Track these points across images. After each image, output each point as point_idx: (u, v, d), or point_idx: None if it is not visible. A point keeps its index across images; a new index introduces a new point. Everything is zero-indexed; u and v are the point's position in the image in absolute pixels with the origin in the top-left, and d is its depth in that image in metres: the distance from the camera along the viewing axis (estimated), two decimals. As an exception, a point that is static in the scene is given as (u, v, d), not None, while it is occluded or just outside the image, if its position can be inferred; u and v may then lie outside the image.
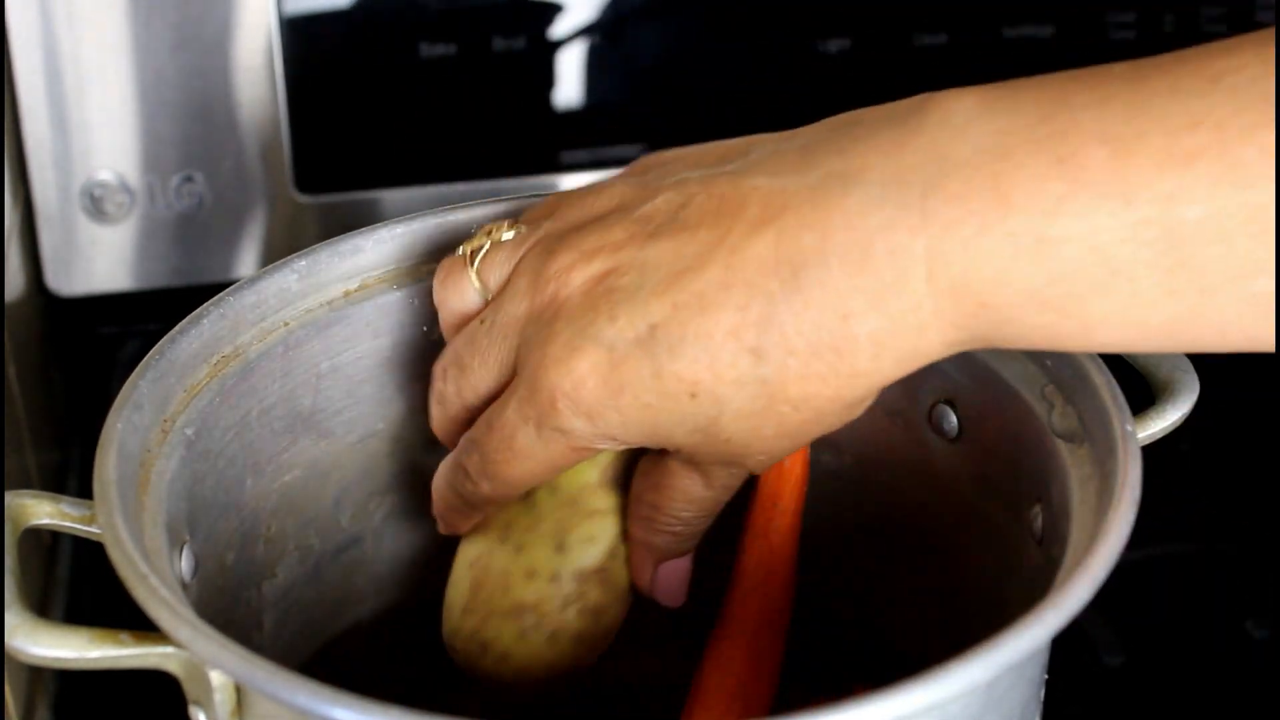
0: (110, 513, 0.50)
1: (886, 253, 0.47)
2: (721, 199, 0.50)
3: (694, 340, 0.49)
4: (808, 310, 0.48)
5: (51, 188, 0.86)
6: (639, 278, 0.50)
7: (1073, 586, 0.47)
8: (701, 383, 0.49)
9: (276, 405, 0.60)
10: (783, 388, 0.49)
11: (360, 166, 0.89)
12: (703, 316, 0.49)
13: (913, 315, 0.47)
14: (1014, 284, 0.46)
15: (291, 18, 0.86)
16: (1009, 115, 0.46)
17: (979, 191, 0.46)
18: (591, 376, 0.50)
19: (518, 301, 0.53)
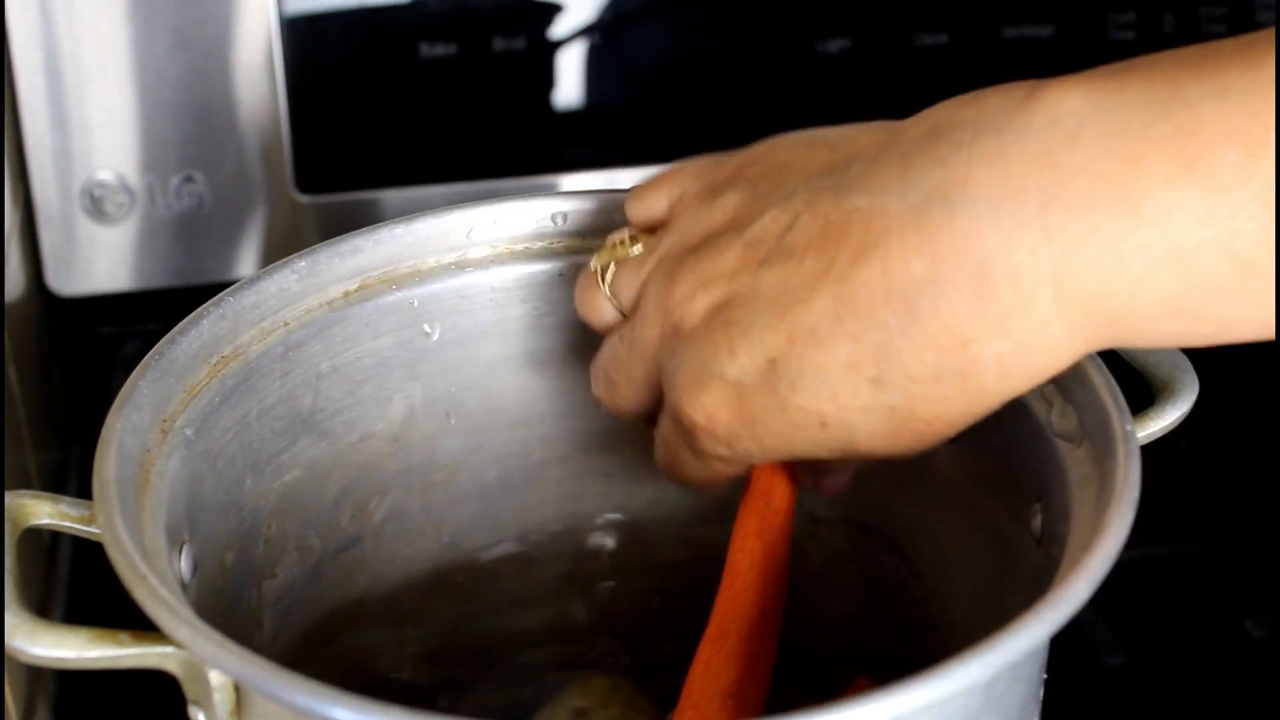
0: (110, 513, 0.50)
1: (1007, 276, 0.45)
2: (825, 221, 0.48)
3: (813, 375, 0.48)
4: (924, 339, 0.47)
5: (52, 187, 0.86)
6: (753, 310, 0.50)
7: (1071, 586, 0.47)
8: (828, 414, 0.49)
9: (276, 405, 0.60)
10: (911, 411, 0.48)
11: (360, 167, 0.89)
12: (818, 351, 0.48)
13: (1040, 336, 0.46)
14: (1148, 296, 0.44)
15: (292, 18, 0.86)
16: (1122, 113, 0.44)
17: (1105, 203, 0.44)
18: (722, 410, 0.51)
19: (649, 326, 0.53)
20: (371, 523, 0.65)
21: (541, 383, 0.66)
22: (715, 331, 0.50)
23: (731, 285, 0.50)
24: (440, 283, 0.63)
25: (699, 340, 0.51)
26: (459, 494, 0.67)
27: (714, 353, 0.50)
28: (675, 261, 0.53)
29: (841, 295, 0.47)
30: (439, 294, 0.63)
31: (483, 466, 0.67)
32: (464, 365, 0.64)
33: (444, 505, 0.67)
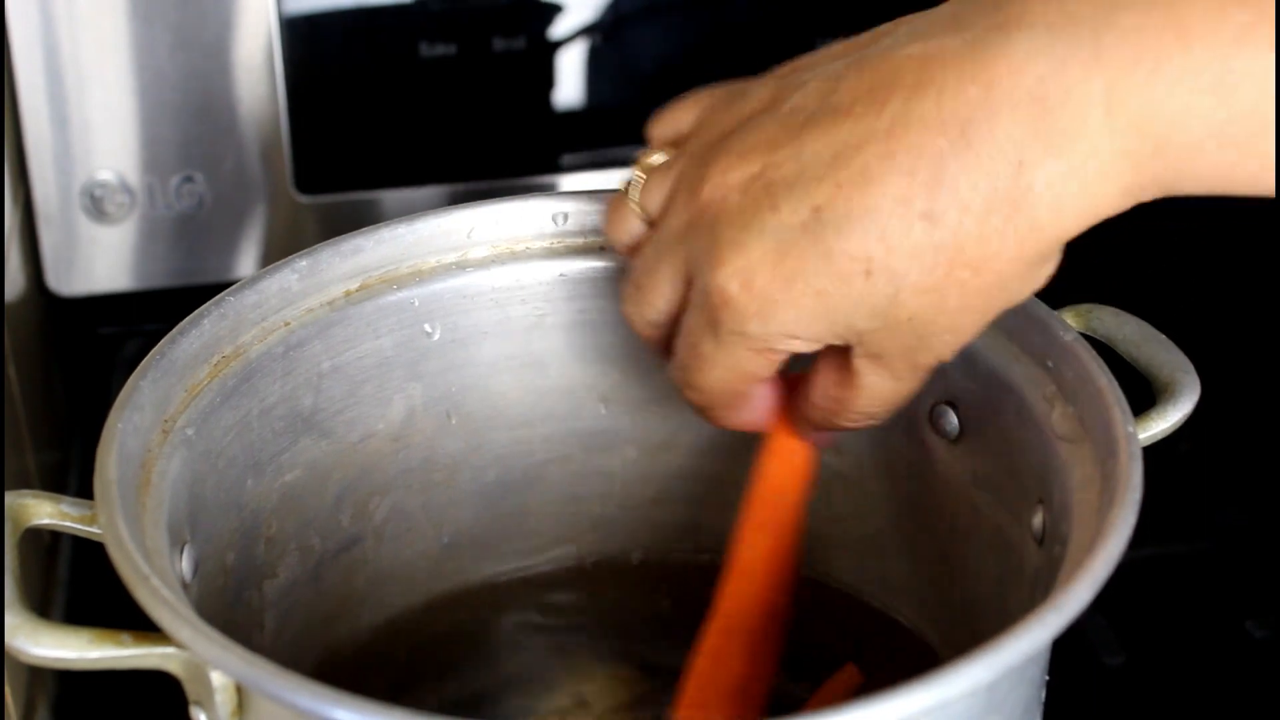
0: (111, 513, 0.50)
1: (1061, 94, 0.45)
2: (875, 73, 0.48)
3: (861, 215, 0.47)
4: (979, 163, 0.46)
5: (52, 188, 0.86)
6: (797, 167, 0.48)
7: (1074, 587, 0.47)
8: (875, 258, 0.47)
9: (277, 405, 0.60)
10: (960, 251, 0.47)
11: (360, 167, 0.89)
12: (868, 189, 0.47)
13: (1092, 159, 0.46)
14: (1196, 120, 0.45)
15: (291, 18, 0.86)
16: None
17: (1156, 26, 0.44)
18: (758, 272, 0.49)
19: (678, 214, 0.52)
20: (372, 523, 0.65)
21: (542, 383, 0.66)
22: (755, 195, 0.49)
23: (771, 153, 0.49)
24: (441, 283, 0.63)
25: (734, 209, 0.50)
26: (459, 494, 0.67)
27: (754, 214, 0.49)
28: (707, 149, 0.52)
29: (895, 133, 0.47)
30: (440, 294, 0.63)
31: (483, 466, 0.67)
32: (465, 365, 0.64)
33: (444, 505, 0.67)
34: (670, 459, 0.64)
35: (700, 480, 0.67)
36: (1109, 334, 0.60)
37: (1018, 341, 0.58)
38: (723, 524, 0.63)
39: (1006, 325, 0.58)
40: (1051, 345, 0.57)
